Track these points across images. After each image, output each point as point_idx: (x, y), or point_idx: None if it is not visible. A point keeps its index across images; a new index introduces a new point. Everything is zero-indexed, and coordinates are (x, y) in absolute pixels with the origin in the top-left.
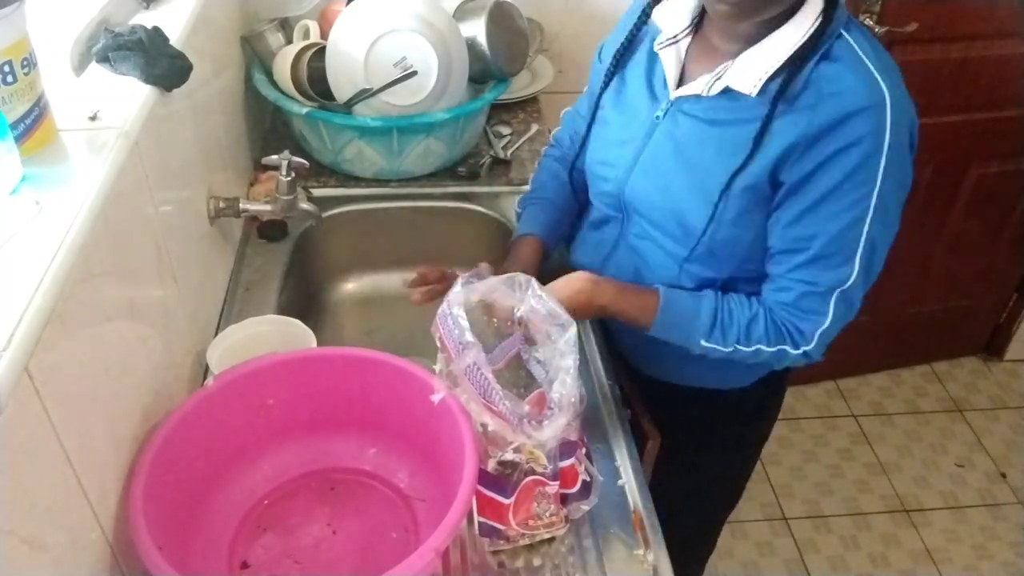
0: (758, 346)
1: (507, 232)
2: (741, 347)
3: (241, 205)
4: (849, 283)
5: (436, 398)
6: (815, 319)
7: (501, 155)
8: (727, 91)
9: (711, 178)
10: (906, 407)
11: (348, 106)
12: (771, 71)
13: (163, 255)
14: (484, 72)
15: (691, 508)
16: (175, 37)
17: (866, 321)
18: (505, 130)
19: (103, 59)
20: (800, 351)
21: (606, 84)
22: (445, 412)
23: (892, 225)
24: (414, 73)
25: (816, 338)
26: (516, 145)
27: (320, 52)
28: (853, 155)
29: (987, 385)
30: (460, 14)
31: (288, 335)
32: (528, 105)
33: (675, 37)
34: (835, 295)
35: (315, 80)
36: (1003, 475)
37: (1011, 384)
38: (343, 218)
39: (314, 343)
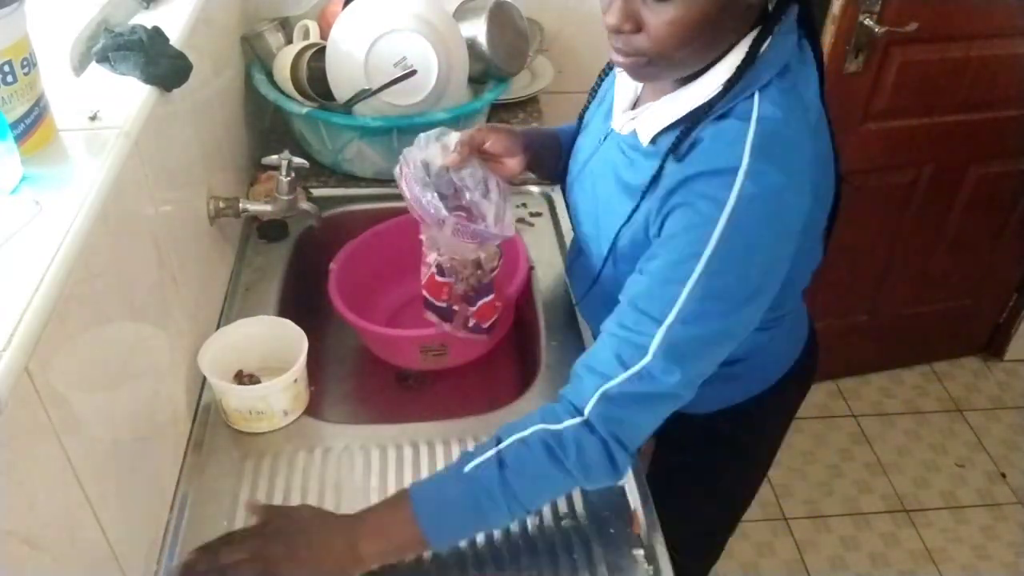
0: (520, 436)
1: None
2: (503, 446)
3: (241, 205)
4: (649, 354)
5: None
6: (600, 376)
7: None
8: (634, 135)
9: (608, 219)
10: (906, 407)
11: (348, 106)
12: (664, 125)
13: (163, 255)
14: (484, 72)
15: (684, 526)
16: (175, 37)
17: (866, 321)
18: None
19: (103, 59)
20: (578, 425)
21: (590, 98)
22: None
23: (725, 304)
24: (414, 73)
25: (597, 394)
26: None
27: (320, 52)
28: (688, 215)
29: (987, 385)
30: (460, 14)
31: (280, 336)
32: (528, 105)
33: None
34: (637, 363)
35: (315, 80)
36: (1003, 475)
37: (1011, 384)
38: (343, 218)
39: (305, 344)
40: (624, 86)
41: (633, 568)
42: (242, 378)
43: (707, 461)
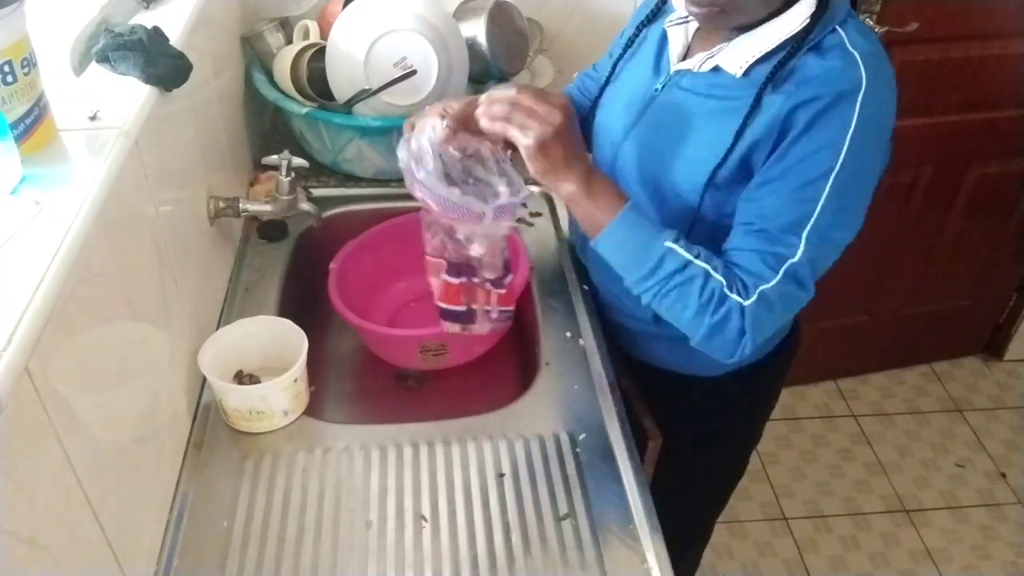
0: (713, 270)
1: None
2: (699, 261)
3: (241, 205)
4: (795, 258)
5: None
6: (757, 278)
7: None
8: (717, 71)
9: (697, 158)
10: (906, 407)
11: (348, 106)
12: (757, 55)
13: (163, 255)
14: (484, 72)
15: (684, 500)
16: (175, 37)
17: (866, 321)
18: None
19: (103, 59)
20: (739, 305)
21: (623, 52)
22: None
23: (850, 214)
24: (414, 73)
25: (756, 295)
26: None
27: (320, 52)
28: (816, 138)
29: (987, 385)
30: (460, 14)
31: (280, 336)
32: None
33: (686, 17)
34: (783, 267)
35: (315, 80)
36: (1003, 475)
37: (1011, 384)
38: (343, 218)
39: (305, 344)
40: (676, 35)
41: (632, 568)
42: (242, 378)
43: (719, 425)
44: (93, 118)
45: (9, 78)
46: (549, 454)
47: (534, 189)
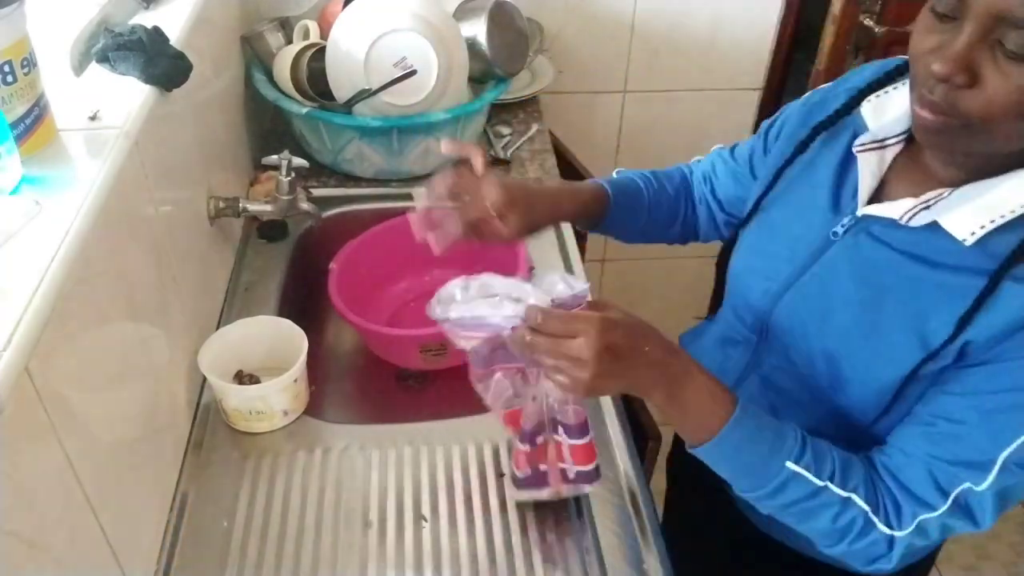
0: (852, 494)
1: None
2: (834, 487)
3: (241, 205)
4: (979, 487)
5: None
6: (918, 504)
7: (501, 155)
8: (934, 228)
9: (880, 352)
10: None
11: (348, 106)
12: (1000, 221)
13: (163, 255)
14: (484, 72)
15: None
16: (175, 37)
17: None
18: (505, 130)
19: (103, 59)
20: (887, 536)
21: (791, 158)
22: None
23: None
24: (414, 73)
25: (913, 525)
26: (516, 145)
27: (320, 52)
28: None
29: None
30: (460, 14)
31: (280, 336)
32: (528, 105)
33: (883, 141)
34: (956, 491)
35: (315, 80)
36: None
37: None
38: (343, 218)
39: (305, 344)
40: (867, 163)
41: (632, 568)
42: (242, 378)
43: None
44: (93, 118)
45: (9, 78)
46: None
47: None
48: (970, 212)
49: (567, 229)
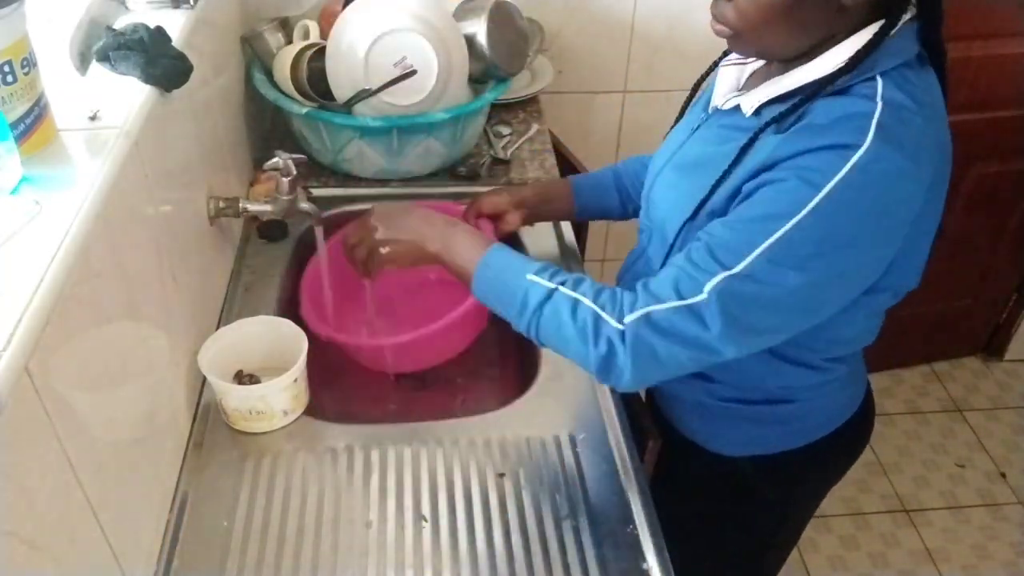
0: (581, 297)
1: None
2: (565, 289)
3: (241, 205)
4: (699, 297)
5: None
6: (652, 297)
7: (501, 155)
8: (737, 109)
9: (689, 193)
10: (906, 407)
11: (348, 106)
12: (771, 96)
13: (163, 255)
14: (484, 72)
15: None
16: (175, 37)
17: None
18: (505, 130)
19: (103, 59)
20: (618, 331)
21: (691, 94)
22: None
23: (793, 284)
24: (414, 73)
25: (639, 313)
26: (516, 145)
27: (320, 52)
28: (790, 183)
29: (987, 385)
30: (460, 14)
31: (280, 336)
32: (528, 105)
33: (743, 59)
34: (689, 295)
35: (315, 80)
36: (1003, 475)
37: (1011, 384)
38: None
39: (305, 344)
40: (727, 74)
41: (632, 568)
42: (242, 378)
43: (724, 510)
44: (93, 118)
45: (9, 78)
46: (549, 454)
47: None
48: (759, 94)
49: (567, 228)
